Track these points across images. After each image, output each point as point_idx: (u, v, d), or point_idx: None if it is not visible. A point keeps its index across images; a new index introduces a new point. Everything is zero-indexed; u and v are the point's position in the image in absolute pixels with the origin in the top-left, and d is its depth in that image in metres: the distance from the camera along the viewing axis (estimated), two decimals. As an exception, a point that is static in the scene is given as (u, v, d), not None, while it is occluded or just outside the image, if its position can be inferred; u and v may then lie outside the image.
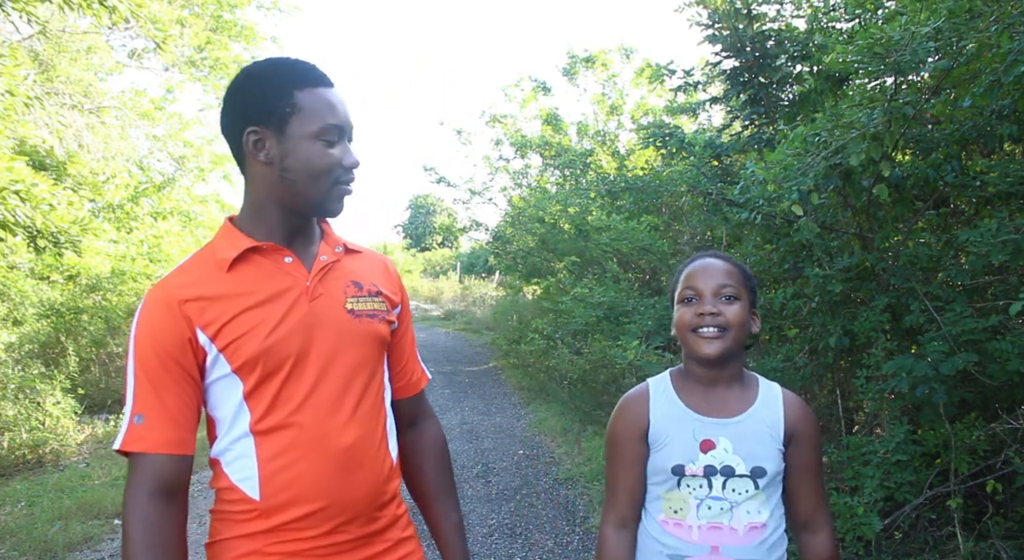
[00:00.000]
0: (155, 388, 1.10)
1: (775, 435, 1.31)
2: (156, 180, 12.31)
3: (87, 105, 9.07)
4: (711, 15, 4.09)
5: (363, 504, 1.17)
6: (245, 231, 1.19)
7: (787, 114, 4.04)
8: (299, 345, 1.14)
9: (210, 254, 1.18)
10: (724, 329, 1.29)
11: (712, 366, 1.33)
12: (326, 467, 1.13)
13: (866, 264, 3.21)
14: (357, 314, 1.21)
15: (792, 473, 1.33)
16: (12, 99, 5.07)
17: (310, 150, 1.13)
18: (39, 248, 5.95)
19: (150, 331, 1.11)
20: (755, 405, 1.33)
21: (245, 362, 1.11)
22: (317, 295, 1.18)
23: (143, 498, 1.08)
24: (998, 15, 2.38)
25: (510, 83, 12.60)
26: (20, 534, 4.06)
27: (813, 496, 1.34)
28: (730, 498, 1.28)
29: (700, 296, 1.31)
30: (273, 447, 1.13)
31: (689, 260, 1.41)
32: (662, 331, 4.46)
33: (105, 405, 7.93)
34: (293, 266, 1.18)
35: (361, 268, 1.28)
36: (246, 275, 1.15)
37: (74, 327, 8.25)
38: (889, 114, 2.55)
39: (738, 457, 1.28)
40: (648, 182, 5.18)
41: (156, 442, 1.08)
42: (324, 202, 1.17)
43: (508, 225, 11.47)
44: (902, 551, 3.05)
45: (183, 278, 1.15)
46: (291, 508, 1.12)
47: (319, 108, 1.14)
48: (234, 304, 1.13)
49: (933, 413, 2.92)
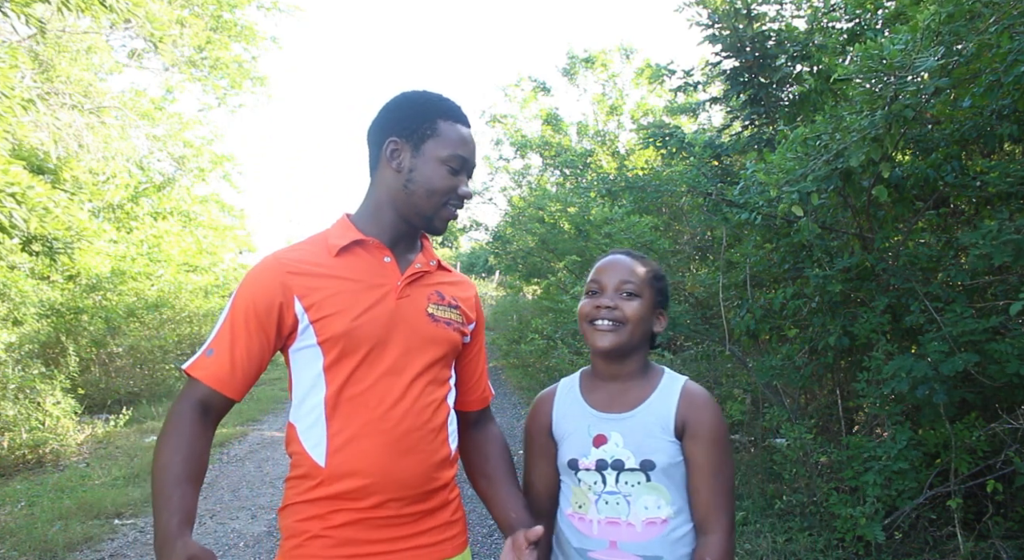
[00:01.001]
0: (233, 334, 1.26)
1: (665, 427, 1.32)
2: (156, 180, 12.31)
3: (87, 105, 9.06)
4: (711, 15, 4.09)
5: (412, 485, 1.28)
6: (358, 226, 1.35)
7: (787, 114, 4.04)
8: (379, 333, 1.28)
9: (323, 239, 1.35)
10: (619, 323, 1.33)
11: (608, 359, 1.37)
12: (383, 446, 1.25)
13: (866, 264, 3.21)
14: (436, 319, 1.35)
15: (688, 469, 1.32)
16: (9, 101, 5.06)
17: (436, 170, 1.31)
18: (33, 253, 5.95)
19: (251, 289, 1.28)
20: (650, 399, 1.35)
21: (330, 337, 1.25)
22: (404, 295, 1.32)
23: (185, 406, 1.24)
24: (998, 15, 2.38)
25: (510, 83, 12.63)
26: (20, 534, 4.06)
27: (706, 496, 1.30)
28: (624, 491, 1.31)
29: (602, 290, 1.37)
30: (341, 421, 1.25)
31: (602, 255, 1.47)
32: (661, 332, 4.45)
33: (105, 405, 7.93)
34: (390, 266, 1.33)
35: (446, 283, 1.43)
36: (349, 263, 1.31)
37: (74, 327, 8.25)
38: (889, 118, 2.55)
39: (628, 451, 1.31)
40: (648, 182, 5.19)
41: (211, 375, 1.24)
42: (432, 218, 1.34)
43: (508, 225, 11.47)
44: (902, 551, 3.05)
45: (296, 254, 1.32)
46: (348, 478, 1.24)
47: (453, 139, 1.33)
48: (333, 284, 1.28)
49: (933, 413, 2.91)
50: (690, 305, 5.21)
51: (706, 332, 4.58)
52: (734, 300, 4.25)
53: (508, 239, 11.09)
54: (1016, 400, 2.88)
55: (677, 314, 4.43)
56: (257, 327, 1.26)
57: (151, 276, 9.97)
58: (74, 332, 8.23)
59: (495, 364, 10.42)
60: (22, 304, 7.62)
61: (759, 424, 4.29)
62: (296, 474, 1.30)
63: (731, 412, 4.10)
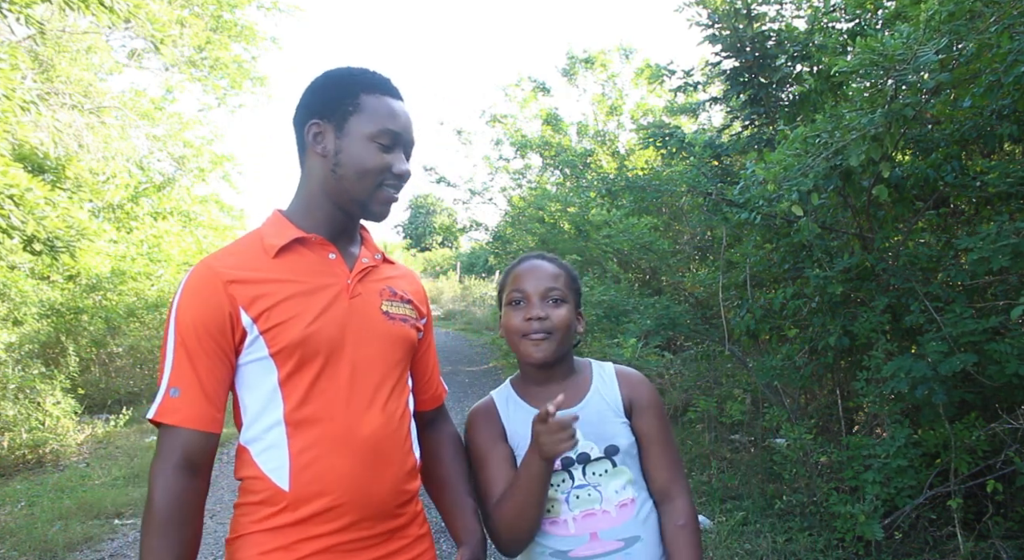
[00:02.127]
0: (192, 363, 1.12)
1: (616, 410, 1.35)
2: (156, 180, 12.31)
3: (87, 105, 9.06)
4: (711, 15, 4.09)
5: (385, 500, 1.19)
6: (294, 222, 1.23)
7: (787, 114, 4.04)
8: (336, 338, 1.17)
9: (257, 240, 1.21)
10: (550, 332, 1.32)
11: (543, 368, 1.36)
12: (353, 461, 1.15)
13: (866, 264, 3.20)
14: (391, 316, 1.25)
15: (641, 444, 1.36)
16: (9, 102, 5.06)
17: (363, 149, 1.19)
18: (35, 252, 5.95)
19: (192, 307, 1.13)
20: (592, 388, 1.37)
21: (284, 347, 1.14)
22: (356, 294, 1.22)
23: (168, 470, 1.10)
24: (998, 15, 2.37)
25: (510, 83, 12.61)
26: (20, 534, 4.06)
27: (665, 465, 1.35)
28: (592, 482, 1.31)
29: (527, 299, 1.34)
30: (305, 438, 1.14)
31: (516, 261, 1.43)
32: (661, 330, 4.46)
33: (105, 405, 7.92)
34: (336, 263, 1.23)
35: (394, 276, 1.33)
36: (292, 264, 1.19)
37: (74, 327, 8.24)
38: (889, 116, 2.55)
39: (590, 442, 1.31)
40: (648, 182, 5.18)
41: (188, 417, 1.10)
42: (368, 203, 1.21)
43: (508, 225, 11.47)
44: (902, 551, 3.05)
45: (230, 259, 1.18)
46: (317, 500, 1.13)
47: (381, 112, 1.20)
48: (280, 289, 1.16)
49: (933, 413, 2.91)
50: (690, 305, 5.21)
51: (706, 332, 4.58)
52: (734, 300, 4.25)
53: (508, 239, 11.09)
54: (1016, 400, 2.88)
55: (677, 314, 4.43)
56: (214, 347, 1.12)
57: (151, 276, 9.95)
58: (74, 332, 8.22)
59: (495, 364, 10.42)
60: (22, 304, 7.62)
61: (759, 424, 4.29)
62: (252, 501, 1.16)
63: (731, 412, 4.10)
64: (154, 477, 1.10)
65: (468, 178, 15.25)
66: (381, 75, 1.25)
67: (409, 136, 1.24)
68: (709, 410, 4.30)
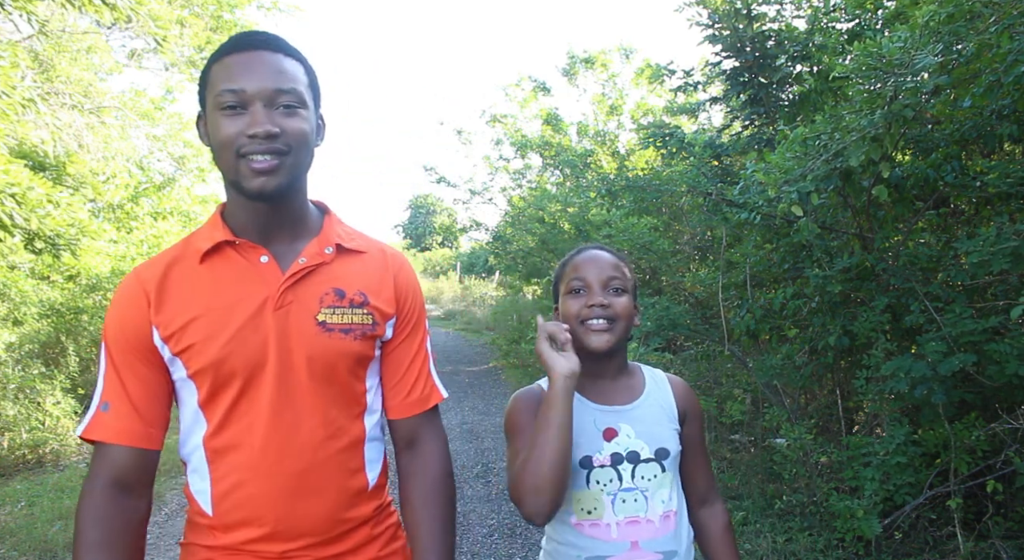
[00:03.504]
0: (121, 377, 1.06)
1: (671, 416, 1.34)
2: (156, 180, 12.31)
3: (87, 105, 9.06)
4: (711, 15, 4.09)
5: (322, 528, 1.09)
6: (227, 222, 1.12)
7: (787, 114, 4.04)
8: (254, 358, 1.06)
9: (192, 242, 1.12)
10: (612, 320, 1.29)
11: (600, 358, 1.32)
12: (277, 491, 1.06)
13: (866, 264, 3.20)
14: (328, 327, 1.10)
15: (688, 452, 1.36)
16: (9, 100, 5.06)
17: (214, 123, 1.05)
18: (36, 250, 5.95)
19: (117, 319, 1.07)
20: (646, 390, 1.35)
21: (198, 370, 1.05)
22: (285, 303, 1.08)
23: (96, 490, 1.04)
24: (998, 15, 2.38)
25: (510, 83, 12.61)
26: (20, 534, 4.06)
27: (707, 472, 1.39)
28: (641, 486, 1.27)
29: (589, 287, 1.30)
30: (224, 466, 1.07)
31: (575, 251, 1.40)
32: (661, 330, 4.46)
33: (105, 405, 7.92)
34: (268, 267, 1.09)
35: (351, 273, 1.15)
36: (216, 270, 1.09)
37: (74, 327, 8.24)
38: (889, 117, 2.55)
39: (641, 441, 1.29)
40: (648, 182, 5.18)
41: (117, 432, 1.04)
42: (238, 180, 1.05)
43: (508, 225, 11.47)
44: (902, 551, 3.05)
45: (155, 269, 1.09)
46: (242, 529, 1.07)
47: (221, 74, 1.04)
48: (194, 306, 1.06)
49: (933, 413, 2.91)
50: (690, 305, 5.21)
51: (706, 332, 4.58)
52: (734, 300, 4.25)
53: (508, 239, 11.09)
54: (1016, 400, 2.88)
55: (677, 314, 4.43)
56: (139, 358, 1.06)
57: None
58: (74, 332, 8.22)
59: (495, 364, 10.42)
60: (22, 304, 7.62)
61: (759, 424, 4.29)
62: (191, 517, 1.12)
63: (731, 412, 4.10)
64: (81, 499, 1.05)
65: (468, 178, 15.26)
66: (237, 35, 1.09)
67: (263, 83, 1.03)
68: (709, 410, 4.30)
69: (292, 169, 1.06)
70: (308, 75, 1.11)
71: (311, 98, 1.10)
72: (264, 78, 1.03)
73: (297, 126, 1.05)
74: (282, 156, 1.04)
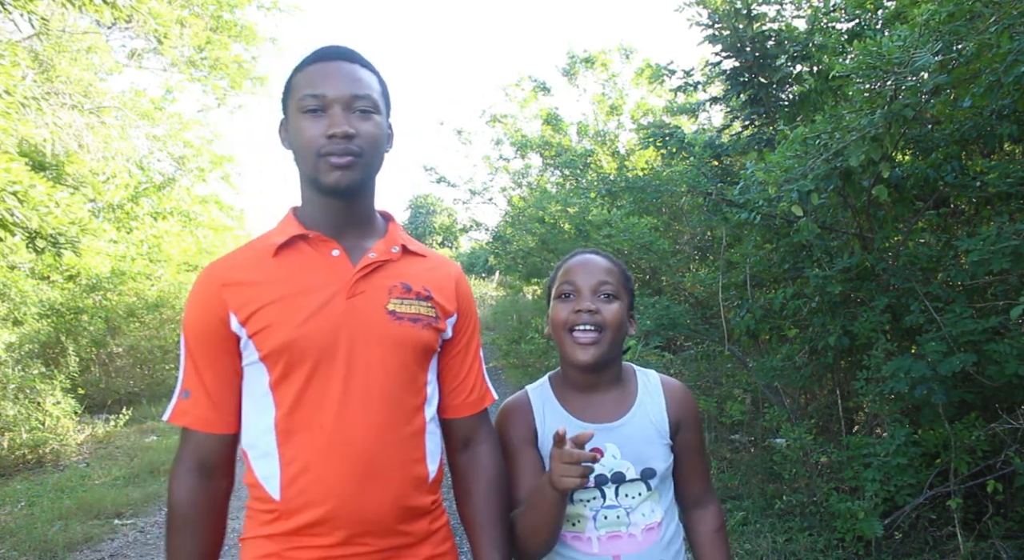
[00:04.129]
0: (196, 367, 1.14)
1: (661, 431, 1.27)
2: (156, 180, 12.31)
3: (87, 105, 9.06)
4: (711, 15, 4.09)
5: (383, 516, 1.12)
6: (300, 219, 1.20)
7: (787, 114, 4.04)
8: (326, 341, 1.11)
9: (265, 239, 1.20)
10: (601, 329, 1.22)
11: (587, 372, 1.26)
12: (344, 474, 1.09)
13: (866, 264, 3.20)
14: (398, 316, 1.16)
15: (682, 458, 1.31)
16: (10, 99, 5.07)
17: (297, 125, 1.14)
18: (38, 249, 5.96)
19: (192, 312, 1.15)
20: (636, 403, 1.28)
21: (271, 351, 1.10)
22: (357, 292, 1.14)
23: (182, 473, 1.14)
24: (998, 15, 2.38)
25: (510, 83, 12.62)
26: (20, 534, 4.06)
27: (702, 476, 1.34)
28: (624, 504, 1.23)
29: (578, 292, 1.25)
30: (295, 448, 1.10)
31: (568, 256, 1.34)
32: (661, 330, 4.46)
33: (105, 405, 7.92)
34: (339, 260, 1.16)
35: (416, 271, 1.23)
36: (290, 263, 1.16)
37: (74, 327, 8.25)
38: (889, 117, 2.55)
39: (627, 462, 1.23)
40: (648, 182, 5.18)
41: (196, 419, 1.13)
42: (317, 177, 1.14)
43: (508, 225, 11.47)
44: (902, 551, 3.05)
45: (230, 261, 1.18)
46: (307, 511, 1.09)
47: (303, 82, 1.15)
48: (269, 291, 1.12)
49: (933, 413, 2.91)
50: (690, 305, 5.21)
51: (706, 332, 4.58)
52: (734, 300, 4.25)
53: (508, 239, 11.09)
54: (1016, 400, 2.88)
55: (677, 314, 4.43)
56: (214, 351, 1.13)
57: (151, 276, 9.96)
58: (74, 332, 8.23)
59: (495, 364, 10.42)
60: (22, 304, 7.63)
61: (759, 424, 4.29)
62: (253, 506, 1.16)
63: (731, 412, 4.10)
64: (170, 480, 1.15)
65: (468, 178, 15.27)
66: (321, 48, 1.18)
67: (341, 92, 1.13)
68: (709, 410, 4.30)
69: (365, 168, 1.15)
70: (381, 85, 1.21)
71: (383, 106, 1.20)
72: (342, 85, 1.13)
73: (371, 129, 1.15)
74: (356, 157, 1.13)
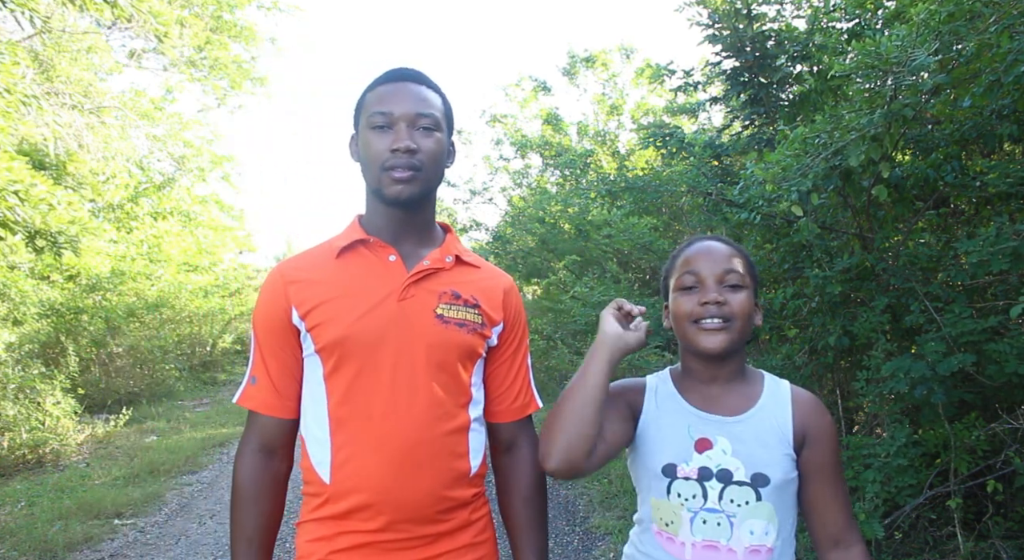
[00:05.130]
0: (263, 356, 1.26)
1: (783, 438, 1.15)
2: (156, 180, 12.31)
3: (87, 105, 9.06)
4: (711, 15, 4.09)
5: (421, 504, 1.19)
6: (363, 226, 1.31)
7: (787, 114, 4.04)
8: (376, 338, 1.20)
9: (331, 243, 1.30)
10: (728, 320, 1.14)
11: (713, 361, 1.18)
12: (385, 462, 1.18)
13: (866, 264, 3.20)
14: (445, 320, 1.24)
15: (812, 482, 1.16)
16: (10, 97, 5.07)
17: (365, 139, 1.24)
18: (37, 248, 5.96)
19: (261, 305, 1.27)
20: (760, 403, 1.18)
21: (326, 345, 1.20)
22: (408, 296, 1.23)
23: (247, 453, 1.26)
24: (998, 15, 2.37)
25: (510, 83, 12.63)
26: (20, 534, 4.06)
27: (842, 506, 1.16)
28: (728, 510, 1.11)
29: (702, 283, 1.16)
30: (344, 435, 1.19)
31: (687, 243, 1.25)
32: (661, 331, 4.46)
33: (105, 405, 7.93)
34: (395, 265, 1.26)
35: (467, 281, 1.31)
36: (349, 265, 1.26)
37: (74, 327, 8.25)
38: (888, 117, 2.55)
39: (737, 460, 1.12)
40: (648, 182, 5.18)
41: (261, 403, 1.25)
42: (380, 188, 1.23)
43: (508, 225, 11.46)
44: (902, 551, 3.05)
45: (298, 261, 1.30)
46: (352, 496, 1.18)
47: (374, 100, 1.25)
48: (328, 290, 1.23)
49: (933, 413, 2.91)
50: (690, 305, 5.20)
51: (706, 332, 4.57)
52: (734, 300, 4.25)
53: (508, 239, 11.08)
54: (1016, 400, 2.88)
55: (677, 314, 4.42)
56: (278, 342, 1.25)
57: (151, 276, 9.97)
58: (74, 332, 8.23)
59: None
60: (22, 304, 7.63)
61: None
62: (307, 490, 1.26)
63: (731, 412, 4.10)
64: (237, 458, 1.27)
65: (468, 178, 15.24)
66: (393, 69, 1.28)
67: (407, 110, 1.22)
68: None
69: (425, 182, 1.24)
70: (445, 105, 1.30)
71: (446, 125, 1.29)
72: (408, 103, 1.23)
73: (432, 146, 1.23)
74: (417, 171, 1.21)
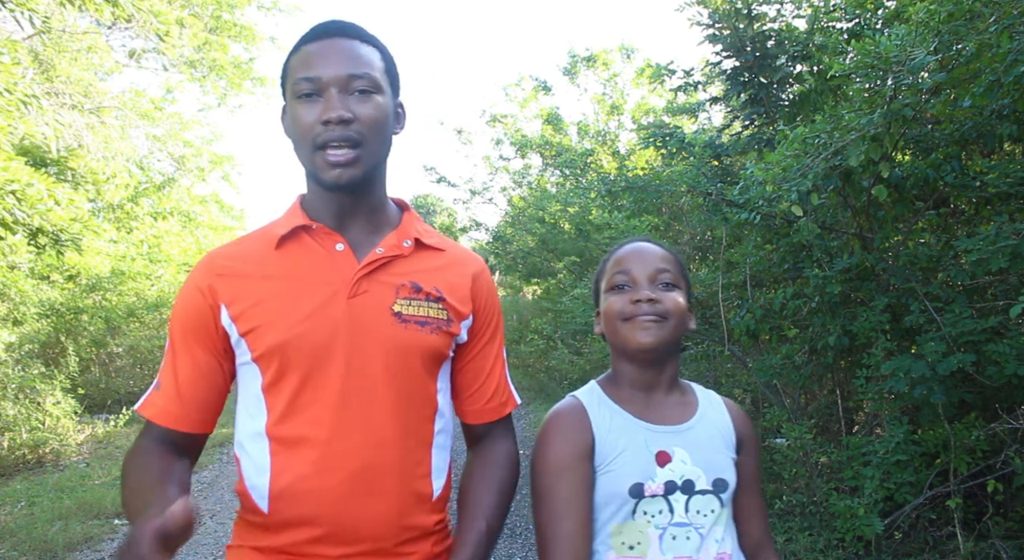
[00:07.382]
0: (174, 359, 1.06)
1: (728, 442, 1.15)
2: (156, 180, 12.32)
3: (87, 105, 9.07)
4: (711, 15, 4.09)
5: (378, 536, 1.02)
6: (305, 209, 1.11)
7: (787, 114, 4.04)
8: (321, 344, 1.02)
9: (270, 229, 1.11)
10: (663, 317, 1.10)
11: (648, 363, 1.13)
12: (335, 487, 1.00)
13: (866, 264, 3.20)
14: (404, 318, 1.05)
15: (741, 489, 1.14)
16: (10, 97, 5.07)
17: (293, 112, 1.04)
18: (39, 246, 5.97)
19: (183, 298, 1.07)
20: (700, 410, 1.16)
21: (264, 352, 1.02)
22: (360, 292, 1.04)
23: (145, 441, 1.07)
24: (998, 15, 2.38)
25: (511, 82, 12.63)
26: (20, 534, 4.07)
27: (761, 514, 1.18)
28: (695, 522, 1.08)
29: (635, 282, 1.13)
30: (286, 458, 1.02)
31: (617, 246, 1.22)
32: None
33: (105, 405, 7.93)
34: (343, 256, 1.06)
35: (429, 268, 1.11)
36: (291, 256, 1.07)
37: (74, 327, 8.25)
38: (888, 117, 2.55)
39: (698, 469, 1.09)
40: (648, 182, 5.18)
41: (160, 413, 1.05)
42: (316, 171, 1.04)
43: (508, 225, 11.47)
44: (902, 551, 3.05)
45: (230, 249, 1.10)
46: (297, 528, 1.01)
47: (297, 65, 1.04)
48: (266, 287, 1.04)
49: (932, 413, 2.92)
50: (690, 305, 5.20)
51: (706, 332, 4.58)
52: (734, 300, 4.25)
53: (508, 239, 11.09)
54: (1016, 400, 2.88)
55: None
56: (196, 342, 1.05)
57: (151, 276, 9.97)
58: (74, 332, 8.23)
59: (495, 364, 10.43)
60: (22, 304, 7.63)
61: (759, 424, 4.29)
62: (243, 515, 1.08)
63: (731, 412, 4.10)
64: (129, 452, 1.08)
65: (468, 178, 15.26)
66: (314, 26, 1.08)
67: (338, 69, 1.01)
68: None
69: (369, 159, 1.04)
70: (385, 61, 1.09)
71: (388, 84, 1.08)
72: (338, 64, 1.02)
73: (371, 112, 1.03)
74: (357, 147, 1.01)
